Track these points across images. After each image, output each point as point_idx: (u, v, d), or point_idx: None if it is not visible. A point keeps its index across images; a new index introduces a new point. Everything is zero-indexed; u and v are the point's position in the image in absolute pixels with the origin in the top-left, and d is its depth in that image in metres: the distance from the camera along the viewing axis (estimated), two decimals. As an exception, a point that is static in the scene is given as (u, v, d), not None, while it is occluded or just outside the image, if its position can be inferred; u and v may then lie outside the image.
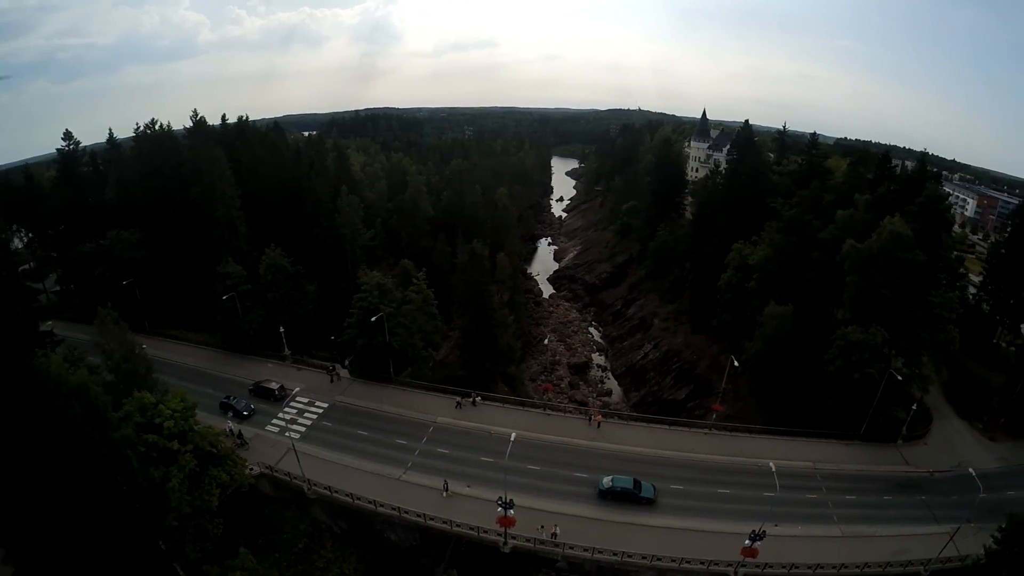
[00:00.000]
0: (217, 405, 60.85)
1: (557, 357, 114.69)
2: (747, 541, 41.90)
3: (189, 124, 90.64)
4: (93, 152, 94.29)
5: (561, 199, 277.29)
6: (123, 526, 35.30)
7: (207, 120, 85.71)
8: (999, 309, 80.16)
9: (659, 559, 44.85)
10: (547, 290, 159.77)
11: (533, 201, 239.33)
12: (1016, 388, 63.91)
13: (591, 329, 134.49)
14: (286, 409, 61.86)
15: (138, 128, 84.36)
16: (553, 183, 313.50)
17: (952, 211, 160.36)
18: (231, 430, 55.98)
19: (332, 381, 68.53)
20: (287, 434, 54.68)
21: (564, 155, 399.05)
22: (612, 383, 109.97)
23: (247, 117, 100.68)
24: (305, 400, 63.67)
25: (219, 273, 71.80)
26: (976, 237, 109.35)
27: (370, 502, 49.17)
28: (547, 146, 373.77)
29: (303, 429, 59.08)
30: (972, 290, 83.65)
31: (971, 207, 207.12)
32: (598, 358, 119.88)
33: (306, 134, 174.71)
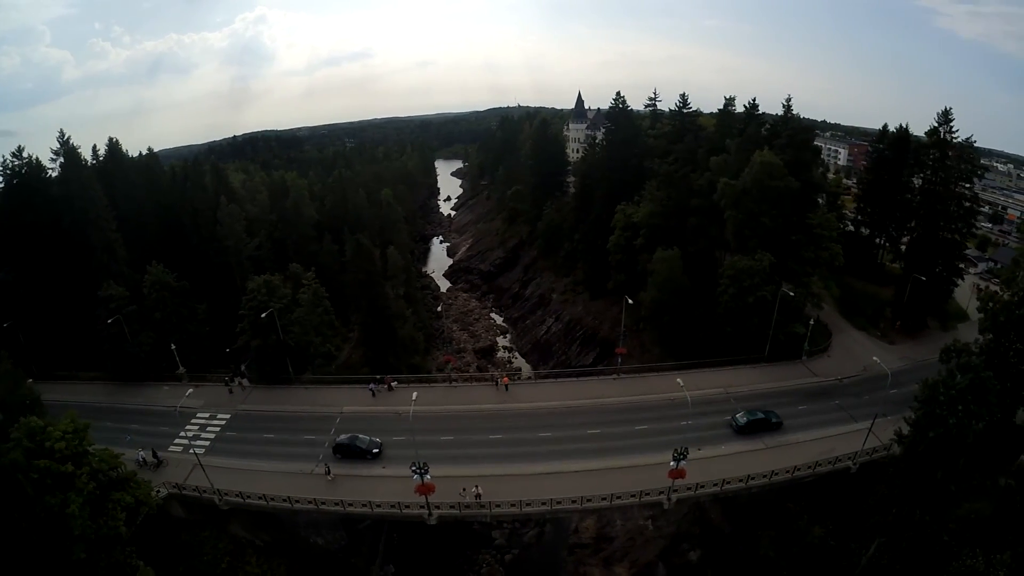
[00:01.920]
0: (118, 438, 55.49)
1: (462, 345, 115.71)
2: (672, 463, 43.72)
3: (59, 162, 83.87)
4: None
5: (449, 198, 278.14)
6: (26, 563, 33.13)
7: (77, 149, 79.57)
8: (876, 229, 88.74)
9: (589, 499, 46.51)
10: (444, 285, 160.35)
11: (420, 203, 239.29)
12: (905, 292, 70.22)
13: (492, 315, 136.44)
14: (187, 427, 59.19)
15: (4, 160, 77.66)
16: (440, 184, 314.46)
17: (826, 162, 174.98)
18: (142, 458, 53.25)
19: (231, 392, 66.23)
20: (191, 451, 52.39)
21: (448, 157, 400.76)
22: (520, 361, 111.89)
23: (118, 142, 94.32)
24: (206, 415, 61.49)
25: (101, 297, 67.79)
26: (850, 182, 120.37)
27: (285, 500, 48.30)
28: (431, 149, 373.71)
29: (207, 443, 56.93)
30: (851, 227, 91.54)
31: (843, 156, 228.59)
32: (503, 341, 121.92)
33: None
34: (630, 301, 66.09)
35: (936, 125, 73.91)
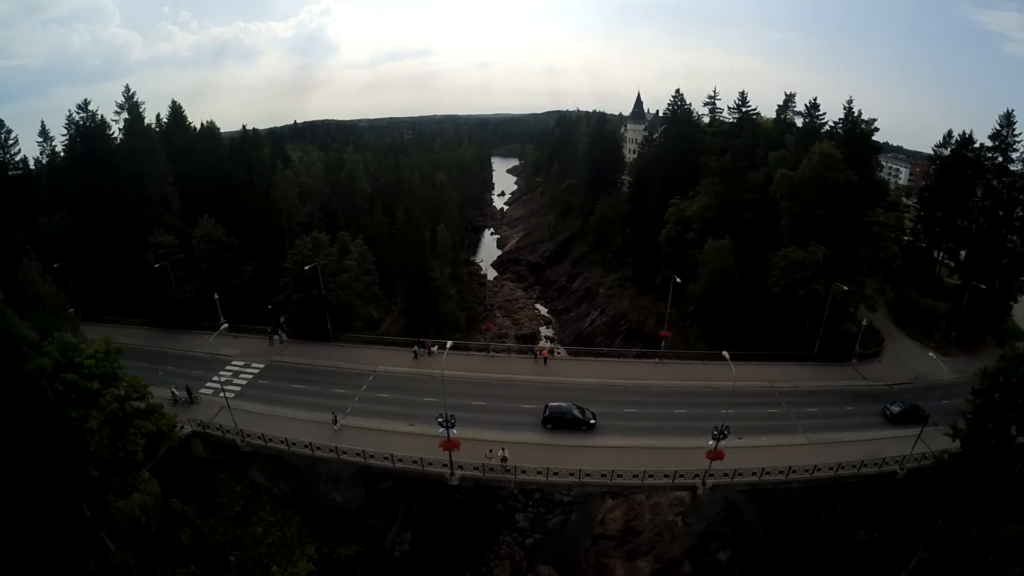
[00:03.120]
0: (151, 375, 56.74)
1: (504, 331, 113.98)
2: (710, 442, 41.35)
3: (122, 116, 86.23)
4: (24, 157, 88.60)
5: (503, 193, 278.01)
6: (38, 472, 32.57)
7: (141, 105, 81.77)
8: (936, 241, 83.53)
9: (619, 475, 43.95)
10: (492, 275, 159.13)
11: (474, 195, 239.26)
12: (963, 303, 66.01)
13: (537, 305, 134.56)
14: (220, 373, 58.93)
15: (70, 115, 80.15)
16: (495, 180, 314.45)
17: (887, 180, 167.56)
18: (175, 393, 53.10)
19: (271, 344, 66.30)
20: (220, 394, 51.71)
21: (504, 155, 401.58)
22: (561, 351, 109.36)
23: (181, 106, 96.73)
24: (241, 363, 61.34)
25: (151, 243, 68.82)
26: (911, 201, 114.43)
27: (306, 445, 46.96)
28: (488, 145, 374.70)
29: (238, 388, 56.44)
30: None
31: (904, 175, 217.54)
32: (546, 331, 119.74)
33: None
34: (678, 280, 63.23)
35: (998, 128, 69.04)
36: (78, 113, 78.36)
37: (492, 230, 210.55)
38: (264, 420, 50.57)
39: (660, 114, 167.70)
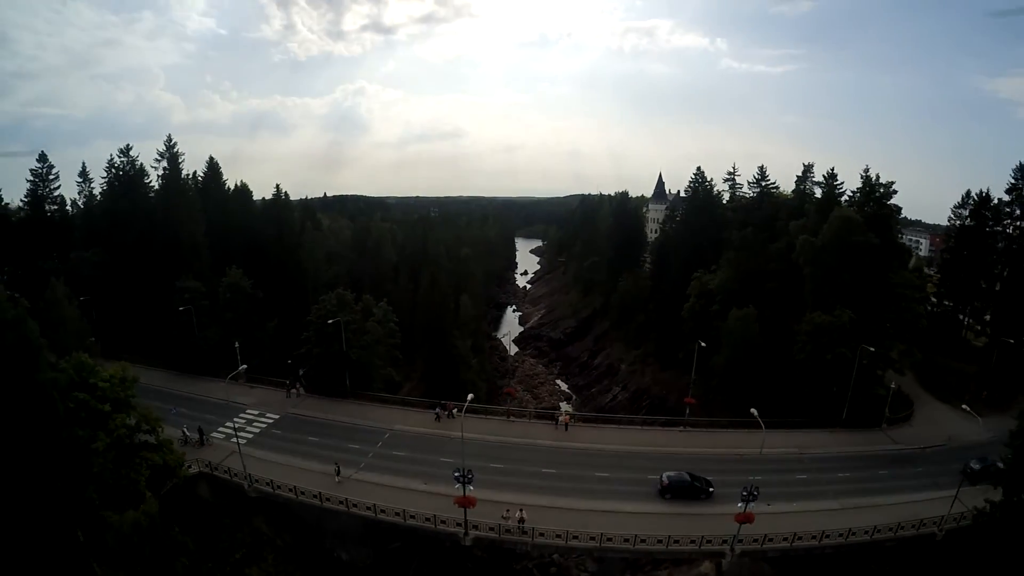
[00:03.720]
0: (165, 414, 56.30)
1: (524, 405, 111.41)
2: (739, 504, 39.35)
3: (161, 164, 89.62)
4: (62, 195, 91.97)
5: (526, 272, 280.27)
6: (38, 486, 31.45)
7: (180, 156, 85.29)
8: (959, 302, 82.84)
9: (643, 539, 41.36)
10: (513, 350, 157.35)
11: (498, 272, 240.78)
12: (992, 360, 65.19)
13: (558, 381, 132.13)
14: (234, 419, 57.68)
15: (111, 159, 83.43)
16: (518, 259, 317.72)
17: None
18: (187, 433, 52.55)
19: (288, 396, 65.31)
20: (232, 439, 50.53)
21: (528, 235, 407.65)
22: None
23: (216, 162, 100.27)
24: (256, 412, 60.53)
25: (178, 287, 69.93)
26: (932, 271, 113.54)
27: (315, 496, 45.35)
28: (512, 225, 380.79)
29: (250, 436, 55.30)
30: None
31: (924, 247, 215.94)
32: (566, 406, 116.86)
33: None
34: (703, 344, 61.70)
35: (1014, 181, 68.88)
36: (119, 157, 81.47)
37: (514, 307, 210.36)
38: (274, 468, 49.28)
39: (680, 194, 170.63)
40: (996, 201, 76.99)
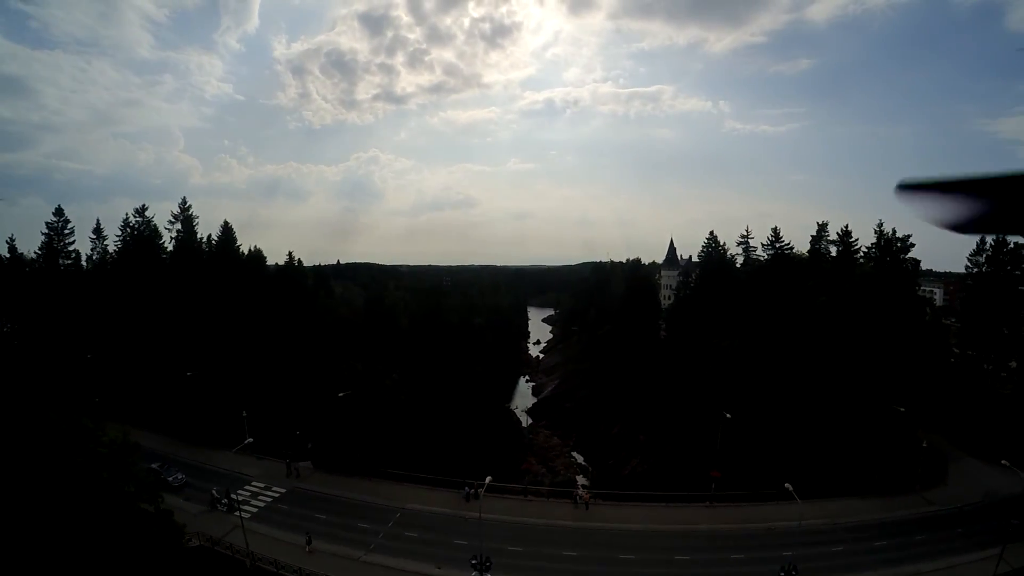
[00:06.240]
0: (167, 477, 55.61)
1: (540, 479, 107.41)
2: None
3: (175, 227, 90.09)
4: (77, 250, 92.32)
5: (538, 342, 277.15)
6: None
7: (195, 220, 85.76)
8: (982, 351, 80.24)
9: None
10: (527, 421, 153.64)
11: (511, 342, 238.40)
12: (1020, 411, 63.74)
13: (574, 454, 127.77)
14: (239, 491, 55.42)
15: (126, 218, 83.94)
16: (531, 329, 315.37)
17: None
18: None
19: (289, 475, 62.03)
20: (236, 513, 48.14)
21: (540, 304, 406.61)
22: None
23: (231, 226, 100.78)
24: (261, 485, 57.88)
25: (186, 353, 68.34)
26: (949, 321, 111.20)
27: (323, 579, 42.37)
28: (524, 294, 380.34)
29: (255, 510, 52.69)
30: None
31: (939, 296, 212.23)
32: (583, 480, 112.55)
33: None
34: (727, 416, 59.07)
35: None
36: (135, 217, 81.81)
37: (528, 377, 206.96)
38: (278, 546, 46.53)
39: (693, 259, 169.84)
40: (1012, 246, 76.43)
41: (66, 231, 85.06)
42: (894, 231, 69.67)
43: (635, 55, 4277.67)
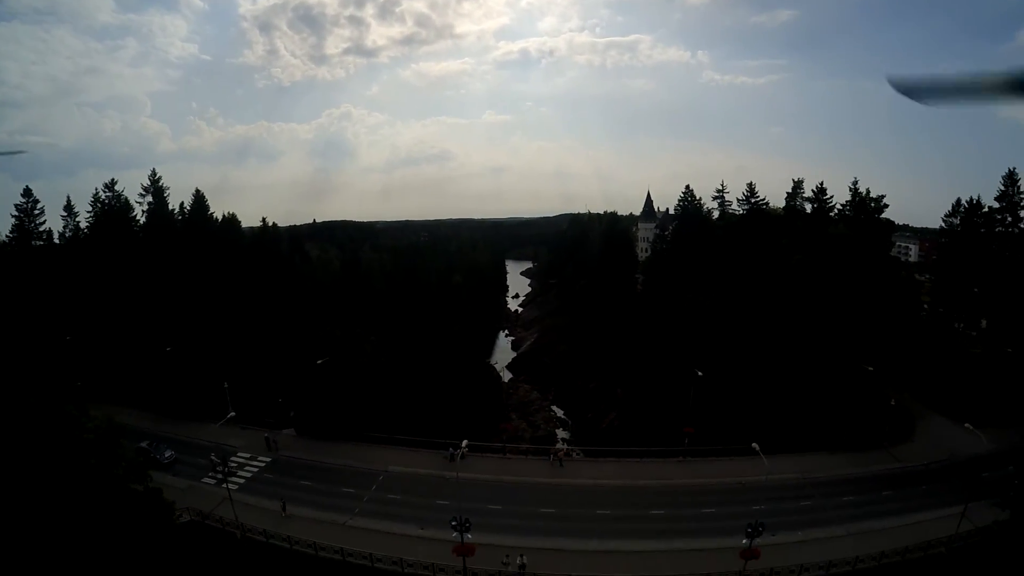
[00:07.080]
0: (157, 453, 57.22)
1: (520, 433, 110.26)
2: (744, 540, 38.85)
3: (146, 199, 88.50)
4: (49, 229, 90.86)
5: (517, 295, 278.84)
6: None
7: (166, 190, 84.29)
8: (954, 311, 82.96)
9: (648, 580, 40.37)
10: (507, 376, 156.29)
11: (489, 297, 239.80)
12: (990, 371, 65.99)
13: (553, 408, 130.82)
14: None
15: (96, 193, 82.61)
16: (509, 283, 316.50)
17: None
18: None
19: (269, 448, 62.64)
20: (223, 485, 49.46)
21: (518, 258, 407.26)
22: (579, 453, 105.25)
23: (203, 195, 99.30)
24: (247, 455, 59.13)
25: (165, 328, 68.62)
26: (923, 277, 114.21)
27: (310, 545, 44.22)
28: (501, 249, 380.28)
29: (242, 481, 54.25)
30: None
31: (914, 252, 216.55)
32: (562, 432, 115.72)
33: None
34: (699, 374, 61.12)
35: (1003, 188, 69.54)
36: (105, 192, 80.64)
37: (507, 332, 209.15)
38: (266, 515, 48.32)
39: (669, 212, 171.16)
40: (987, 208, 77.96)
41: (36, 211, 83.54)
42: (868, 191, 71.18)
43: (612, 3, 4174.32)
